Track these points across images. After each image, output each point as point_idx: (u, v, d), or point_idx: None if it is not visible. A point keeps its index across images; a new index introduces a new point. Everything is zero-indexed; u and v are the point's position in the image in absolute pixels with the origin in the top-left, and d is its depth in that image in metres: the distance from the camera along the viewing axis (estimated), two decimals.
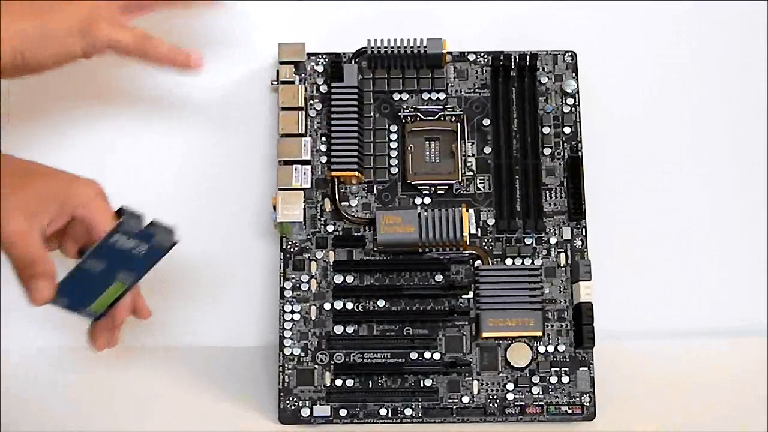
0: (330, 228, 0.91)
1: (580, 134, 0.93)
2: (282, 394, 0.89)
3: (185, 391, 0.91)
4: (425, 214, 0.89)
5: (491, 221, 0.91)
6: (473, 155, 0.93)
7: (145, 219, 0.79)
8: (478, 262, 0.90)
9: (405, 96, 0.94)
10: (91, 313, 0.80)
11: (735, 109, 0.98)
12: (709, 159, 0.97)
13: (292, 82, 0.92)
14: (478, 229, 0.91)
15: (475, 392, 0.89)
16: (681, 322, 0.95)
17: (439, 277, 0.90)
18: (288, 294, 0.90)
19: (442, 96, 0.94)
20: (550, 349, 0.90)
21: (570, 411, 0.89)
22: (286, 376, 0.89)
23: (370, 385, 0.89)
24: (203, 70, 0.88)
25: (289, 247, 0.91)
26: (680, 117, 0.98)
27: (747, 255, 0.96)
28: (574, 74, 0.94)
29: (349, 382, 0.89)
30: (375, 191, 0.92)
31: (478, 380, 0.89)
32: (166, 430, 0.89)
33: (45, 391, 0.90)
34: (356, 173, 0.91)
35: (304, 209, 0.90)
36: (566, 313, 0.90)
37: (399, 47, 0.92)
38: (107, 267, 0.78)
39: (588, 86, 0.95)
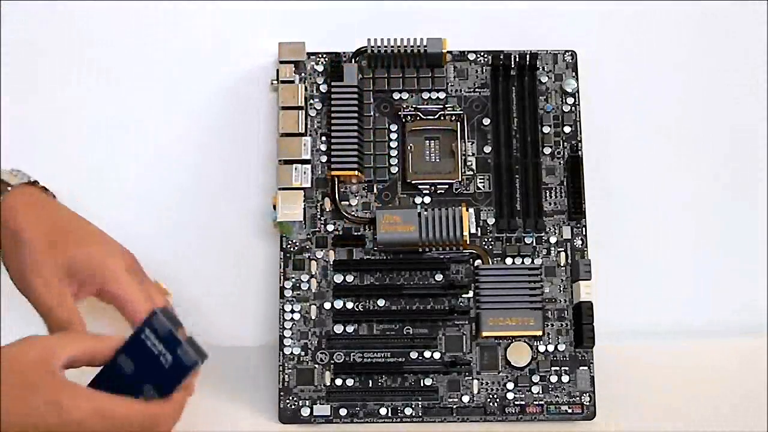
0: (330, 227, 0.91)
1: (580, 133, 0.93)
2: (282, 393, 0.89)
3: None
4: (425, 213, 0.89)
5: (491, 220, 0.91)
6: (473, 154, 0.93)
7: (177, 320, 0.77)
8: (478, 262, 0.90)
9: (405, 95, 0.94)
10: None
11: (735, 108, 0.98)
12: (709, 159, 0.97)
13: (292, 82, 0.92)
14: (478, 229, 0.91)
15: (475, 391, 0.89)
16: (681, 322, 0.95)
17: (439, 277, 0.90)
18: (288, 293, 0.90)
19: (442, 95, 0.94)
20: (550, 348, 0.89)
21: (570, 410, 0.89)
22: (286, 376, 0.89)
23: (370, 385, 0.89)
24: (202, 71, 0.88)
25: (289, 246, 0.91)
26: (680, 116, 0.98)
27: (747, 255, 0.96)
28: (574, 73, 0.94)
29: (349, 382, 0.89)
30: (375, 190, 0.92)
31: (478, 379, 0.89)
32: None
33: None
34: (356, 172, 0.91)
35: (304, 208, 0.90)
36: (566, 312, 0.90)
37: (399, 47, 0.92)
38: (135, 370, 0.75)
39: (588, 86, 0.94)
